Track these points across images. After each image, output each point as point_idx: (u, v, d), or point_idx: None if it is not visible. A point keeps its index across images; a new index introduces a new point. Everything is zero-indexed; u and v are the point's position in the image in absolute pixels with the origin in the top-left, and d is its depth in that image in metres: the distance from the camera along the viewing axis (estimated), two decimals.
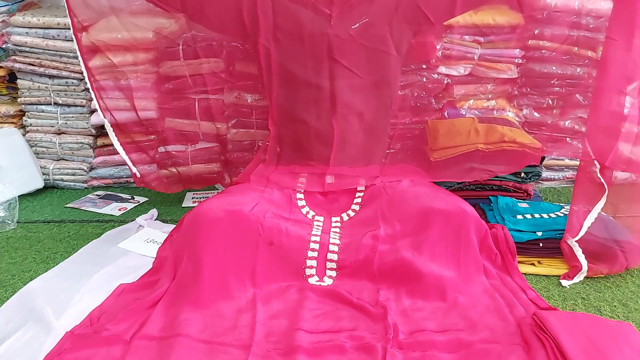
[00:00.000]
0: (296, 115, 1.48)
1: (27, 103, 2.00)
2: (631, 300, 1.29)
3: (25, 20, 1.88)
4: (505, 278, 1.31)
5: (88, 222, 1.75)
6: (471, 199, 1.56)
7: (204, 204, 1.30)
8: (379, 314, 1.14)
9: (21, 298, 1.24)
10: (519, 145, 1.61)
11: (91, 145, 2.02)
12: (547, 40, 1.84)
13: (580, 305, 1.27)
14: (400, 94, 1.86)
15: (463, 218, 1.27)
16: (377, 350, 1.02)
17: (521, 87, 1.93)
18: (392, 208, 1.32)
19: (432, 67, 1.81)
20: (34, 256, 1.52)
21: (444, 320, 1.14)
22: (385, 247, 1.26)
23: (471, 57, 1.86)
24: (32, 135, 2.04)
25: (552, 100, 1.93)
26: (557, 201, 1.85)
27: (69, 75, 1.93)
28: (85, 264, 1.39)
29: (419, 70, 1.80)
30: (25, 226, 1.73)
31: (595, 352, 0.97)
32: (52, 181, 2.04)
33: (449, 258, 1.25)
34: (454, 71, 1.88)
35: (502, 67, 1.89)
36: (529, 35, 1.83)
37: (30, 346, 1.06)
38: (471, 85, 1.92)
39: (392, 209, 1.32)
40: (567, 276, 1.35)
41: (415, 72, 1.79)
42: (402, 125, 1.94)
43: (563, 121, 1.96)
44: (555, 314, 1.09)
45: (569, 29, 1.82)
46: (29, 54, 1.92)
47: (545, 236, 1.39)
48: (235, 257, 1.23)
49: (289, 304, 1.19)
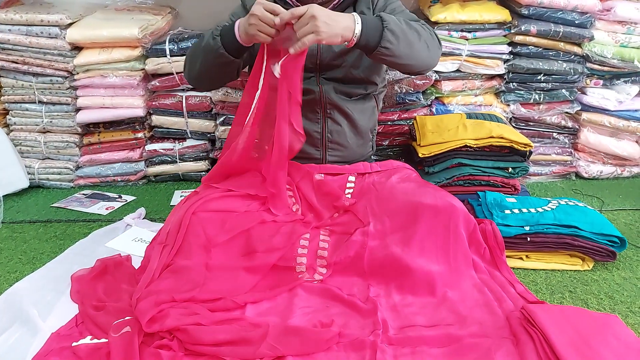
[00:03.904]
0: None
1: (11, 102, 1.97)
2: (617, 292, 1.30)
3: (7, 18, 1.85)
4: (494, 272, 1.32)
5: (75, 221, 1.73)
6: (460, 194, 1.56)
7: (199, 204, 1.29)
8: (369, 309, 1.14)
9: (7, 299, 1.23)
10: (506, 141, 1.62)
11: (77, 144, 2.00)
12: (533, 36, 1.85)
13: (567, 299, 1.28)
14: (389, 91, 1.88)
15: (452, 213, 1.27)
16: (367, 346, 1.03)
17: (508, 83, 1.95)
18: (381, 204, 1.33)
19: None
20: (20, 257, 1.50)
21: (433, 315, 1.15)
22: (375, 243, 1.26)
23: (459, 54, 1.88)
24: (17, 134, 2.00)
25: (538, 95, 1.95)
26: (544, 196, 1.86)
27: (53, 73, 1.91)
28: (73, 264, 1.38)
29: None
30: (10, 226, 1.71)
31: (582, 344, 0.98)
32: (37, 180, 2.01)
33: (438, 253, 1.26)
34: (441, 67, 1.89)
35: (490, 63, 1.90)
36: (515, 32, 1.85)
37: (17, 348, 1.05)
38: (459, 81, 1.94)
39: (381, 205, 1.32)
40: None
41: None
42: (390, 121, 1.95)
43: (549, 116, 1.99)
44: (543, 308, 1.10)
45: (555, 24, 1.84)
46: (12, 52, 1.89)
47: (533, 230, 1.40)
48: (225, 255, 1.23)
49: (279, 301, 1.19)
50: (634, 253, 1.48)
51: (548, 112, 1.98)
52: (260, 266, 1.23)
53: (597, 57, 1.87)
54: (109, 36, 1.85)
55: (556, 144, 2.03)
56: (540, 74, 1.92)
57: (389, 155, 1.98)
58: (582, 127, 2.01)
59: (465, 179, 1.64)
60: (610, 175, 2.06)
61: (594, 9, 1.84)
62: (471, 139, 1.63)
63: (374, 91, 1.52)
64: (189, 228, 1.21)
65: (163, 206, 1.84)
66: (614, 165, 2.05)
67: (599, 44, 1.88)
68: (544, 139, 2.02)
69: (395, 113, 1.95)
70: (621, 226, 1.64)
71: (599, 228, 1.40)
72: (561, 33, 1.84)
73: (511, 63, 1.91)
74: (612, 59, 1.87)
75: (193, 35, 1.91)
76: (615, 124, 1.98)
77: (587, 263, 1.41)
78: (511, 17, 1.87)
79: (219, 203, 1.28)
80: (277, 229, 1.28)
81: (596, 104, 1.96)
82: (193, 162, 2.04)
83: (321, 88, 1.43)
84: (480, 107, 1.97)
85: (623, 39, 1.89)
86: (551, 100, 1.97)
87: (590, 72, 1.93)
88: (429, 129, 1.71)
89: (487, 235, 1.37)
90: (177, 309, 1.10)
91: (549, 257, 1.42)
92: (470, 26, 1.87)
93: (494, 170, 1.64)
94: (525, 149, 1.63)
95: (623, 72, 1.93)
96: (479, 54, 1.89)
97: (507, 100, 1.97)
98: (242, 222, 1.25)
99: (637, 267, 1.41)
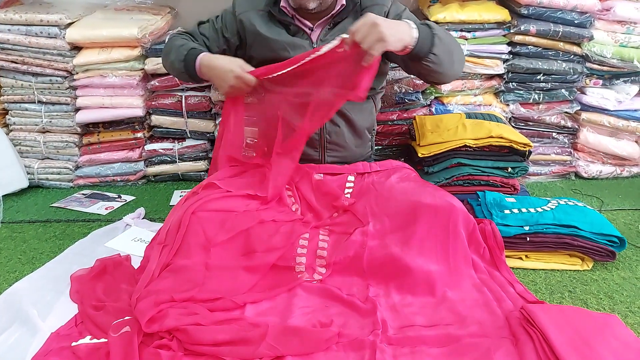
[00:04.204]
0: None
1: (11, 101, 1.97)
2: (616, 292, 1.30)
3: (7, 17, 1.85)
4: (494, 272, 1.31)
5: (74, 221, 1.73)
6: (459, 194, 1.56)
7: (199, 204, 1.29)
8: (368, 309, 1.14)
9: (7, 299, 1.23)
10: (506, 141, 1.62)
11: (76, 144, 1.99)
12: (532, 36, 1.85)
13: (567, 298, 1.28)
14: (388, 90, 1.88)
15: (451, 213, 1.27)
16: (367, 346, 1.03)
17: (508, 83, 1.95)
18: (380, 204, 1.33)
19: None
20: (19, 257, 1.50)
21: (433, 315, 1.15)
22: (374, 243, 1.26)
23: None
24: (16, 134, 2.00)
25: (538, 95, 1.95)
26: (544, 195, 1.86)
27: (53, 73, 1.90)
28: (72, 264, 1.37)
29: None
30: (10, 226, 1.70)
31: (582, 344, 0.98)
32: (37, 180, 2.01)
33: (438, 253, 1.26)
34: None
35: (489, 63, 1.90)
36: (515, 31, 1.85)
37: (16, 348, 1.05)
38: (458, 81, 1.94)
39: (380, 205, 1.32)
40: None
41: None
42: (390, 121, 1.95)
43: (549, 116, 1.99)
44: (542, 307, 1.10)
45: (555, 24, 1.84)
46: (12, 52, 1.89)
47: (533, 230, 1.40)
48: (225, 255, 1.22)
49: (278, 301, 1.19)
50: (633, 253, 1.48)
51: (547, 112, 1.98)
52: (259, 266, 1.23)
53: (596, 56, 1.87)
54: (109, 36, 1.85)
55: (555, 143, 2.03)
56: (540, 73, 1.92)
57: (389, 155, 1.98)
58: (582, 126, 2.01)
59: (464, 179, 1.64)
60: (609, 175, 2.06)
61: (593, 8, 1.84)
62: (470, 139, 1.63)
63: (372, 93, 1.52)
64: (189, 228, 1.21)
65: (162, 206, 1.84)
66: (614, 165, 2.05)
67: (598, 43, 1.88)
68: (544, 139, 2.02)
69: (394, 113, 1.95)
70: (620, 226, 1.64)
71: (599, 228, 1.40)
72: (560, 33, 1.84)
73: (510, 63, 1.91)
74: (612, 58, 1.87)
75: None
76: (614, 123, 1.98)
77: (587, 263, 1.41)
78: (510, 16, 1.87)
79: (219, 203, 1.28)
80: (276, 229, 1.28)
81: (595, 104, 1.96)
82: (192, 162, 2.04)
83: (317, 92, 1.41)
84: (480, 107, 1.97)
85: (622, 38, 1.89)
86: (550, 100, 1.97)
87: (590, 72, 1.93)
88: (428, 129, 1.71)
89: (486, 235, 1.37)
90: (176, 308, 1.10)
91: (549, 257, 1.42)
92: (469, 26, 1.87)
93: (493, 170, 1.64)
94: (524, 148, 1.63)
95: (622, 71, 1.93)
96: (479, 53, 1.89)
97: (506, 100, 1.97)
98: (241, 222, 1.25)
99: (636, 267, 1.41)
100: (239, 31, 1.49)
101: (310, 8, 1.38)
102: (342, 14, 1.43)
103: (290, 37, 1.43)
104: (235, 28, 1.49)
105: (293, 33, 1.44)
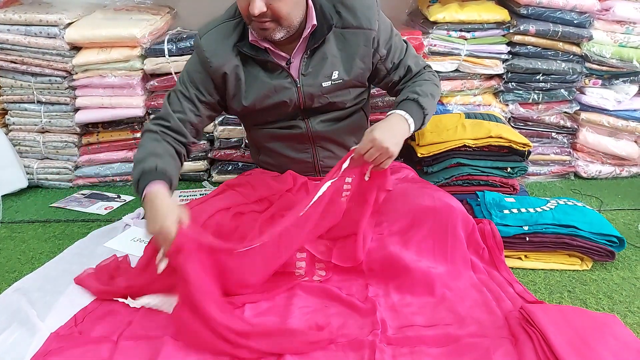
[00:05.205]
0: (274, 149, 1.45)
1: (10, 101, 1.97)
2: (616, 292, 1.30)
3: (6, 18, 1.84)
4: (493, 272, 1.32)
5: (74, 221, 1.73)
6: (458, 195, 1.57)
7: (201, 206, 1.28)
8: (367, 309, 1.14)
9: (6, 299, 1.23)
10: (505, 141, 1.62)
11: (76, 144, 1.99)
12: (532, 36, 1.86)
13: (566, 298, 1.28)
14: None
15: (450, 213, 1.27)
16: (366, 346, 1.03)
17: (507, 83, 1.95)
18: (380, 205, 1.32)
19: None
20: (19, 257, 1.50)
21: (432, 315, 1.15)
22: (373, 244, 1.26)
23: (457, 54, 1.88)
24: (16, 134, 2.00)
25: (537, 95, 1.95)
26: (543, 195, 1.87)
27: (52, 73, 1.90)
28: (71, 264, 1.37)
29: None
30: (9, 226, 1.70)
31: (581, 344, 0.98)
32: (36, 180, 2.01)
33: (437, 253, 1.26)
34: (440, 67, 1.89)
35: (489, 63, 1.90)
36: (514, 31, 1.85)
37: (15, 348, 1.05)
38: (458, 81, 1.94)
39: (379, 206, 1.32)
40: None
41: None
42: None
43: (548, 116, 1.99)
44: (542, 307, 1.10)
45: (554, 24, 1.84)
46: (11, 52, 1.89)
47: (532, 230, 1.40)
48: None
49: (278, 301, 1.19)
50: (632, 253, 1.48)
51: (547, 111, 1.98)
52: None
53: (595, 56, 1.87)
54: (108, 36, 1.85)
55: (555, 143, 2.03)
56: (539, 73, 1.92)
57: None
58: (581, 126, 2.01)
59: (464, 179, 1.64)
60: (609, 175, 2.06)
61: (592, 8, 1.84)
62: (470, 139, 1.63)
63: (362, 104, 1.47)
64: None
65: None
66: (613, 165, 2.05)
67: (597, 43, 1.88)
68: (543, 139, 2.02)
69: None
70: (620, 226, 1.64)
71: (598, 228, 1.40)
72: (560, 33, 1.84)
73: (510, 63, 1.91)
74: (611, 58, 1.87)
75: (192, 35, 1.91)
76: (614, 123, 1.98)
77: (586, 263, 1.41)
78: (510, 16, 1.87)
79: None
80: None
81: (595, 104, 1.96)
82: (192, 162, 2.03)
83: (307, 123, 1.39)
84: (479, 106, 1.97)
85: (622, 38, 1.89)
86: (550, 100, 1.97)
87: (589, 72, 1.93)
88: (427, 129, 1.70)
89: (485, 235, 1.37)
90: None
91: (548, 257, 1.42)
92: (469, 26, 1.87)
93: (492, 170, 1.65)
94: (524, 148, 1.63)
95: (622, 71, 1.93)
96: (478, 53, 1.89)
97: (506, 100, 1.97)
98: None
99: (635, 267, 1.41)
100: (217, 87, 1.33)
101: (276, 39, 1.24)
102: (317, 36, 1.27)
103: (269, 81, 1.31)
104: (212, 85, 1.32)
105: (271, 71, 1.31)
